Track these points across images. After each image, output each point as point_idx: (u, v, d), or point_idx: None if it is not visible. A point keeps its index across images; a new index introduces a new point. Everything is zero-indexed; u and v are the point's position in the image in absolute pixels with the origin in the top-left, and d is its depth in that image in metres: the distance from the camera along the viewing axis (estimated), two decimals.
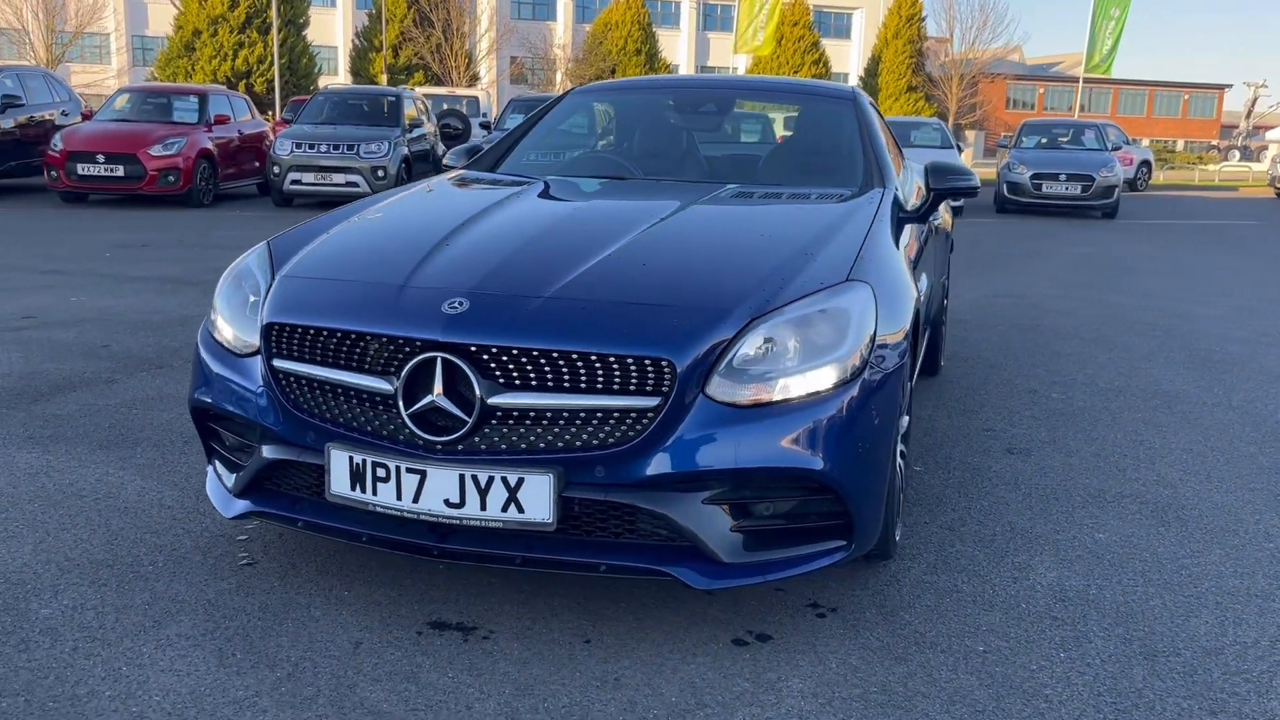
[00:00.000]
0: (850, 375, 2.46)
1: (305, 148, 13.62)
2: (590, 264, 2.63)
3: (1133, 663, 2.45)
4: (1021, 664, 2.42)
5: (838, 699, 2.24)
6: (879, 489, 2.56)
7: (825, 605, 2.69)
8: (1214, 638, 2.59)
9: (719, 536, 2.39)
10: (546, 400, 2.33)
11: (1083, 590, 2.83)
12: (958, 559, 3.01)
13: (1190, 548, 3.16)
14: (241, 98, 15.65)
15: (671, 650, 2.43)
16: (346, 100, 15.08)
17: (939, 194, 3.86)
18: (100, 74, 44.71)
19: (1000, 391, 5.04)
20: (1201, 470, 3.91)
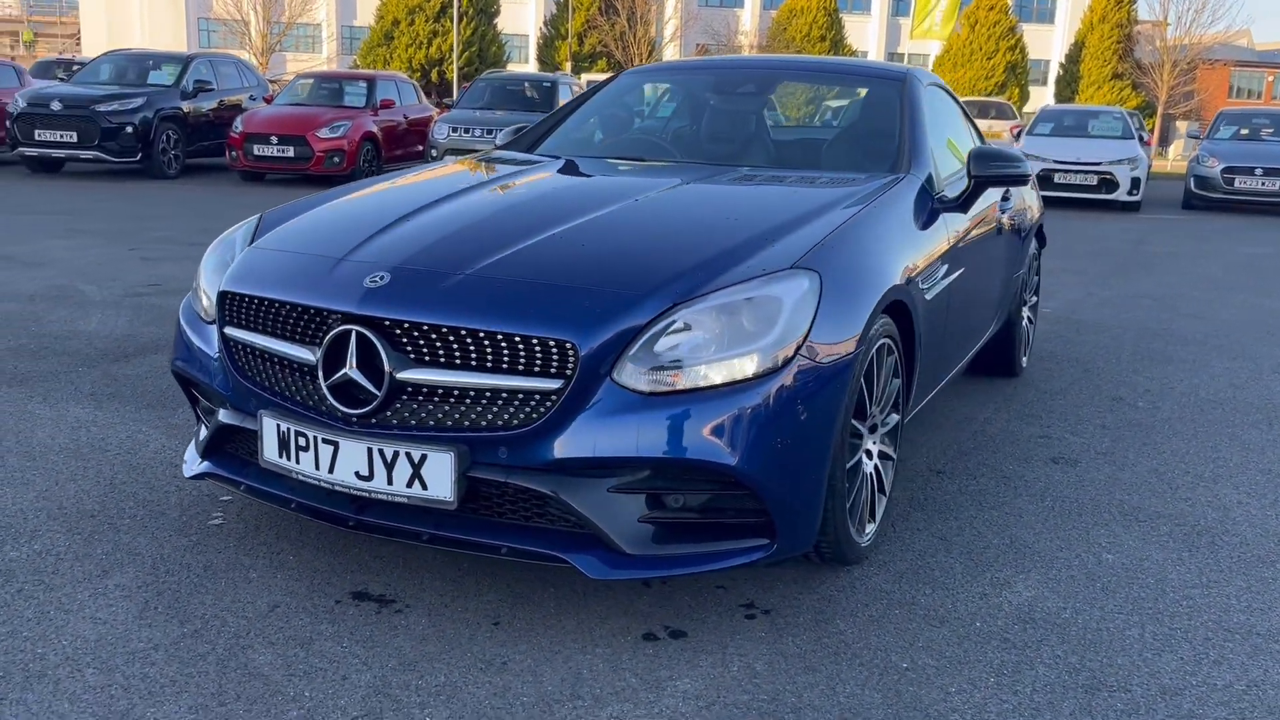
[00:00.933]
0: (775, 366, 2.34)
1: (461, 131, 14.06)
2: (526, 243, 2.60)
3: (1066, 696, 2.24)
4: (941, 686, 2.25)
5: (719, 704, 2.15)
6: (809, 488, 2.43)
7: (761, 606, 2.58)
8: (1179, 677, 2.33)
9: (624, 526, 2.32)
10: (452, 378, 2.32)
11: (1054, 613, 2.61)
12: (932, 570, 2.83)
13: (1208, 577, 2.86)
14: (410, 83, 16.29)
15: (576, 639, 2.38)
16: (505, 86, 15.48)
17: (980, 181, 3.63)
18: (311, 62, 47.38)
19: (1080, 397, 4.70)
20: (1270, 494, 3.53)
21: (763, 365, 2.33)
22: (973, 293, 3.83)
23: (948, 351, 3.59)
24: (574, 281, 2.42)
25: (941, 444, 3.93)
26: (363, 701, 2.10)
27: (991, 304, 4.25)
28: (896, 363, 2.92)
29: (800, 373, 2.38)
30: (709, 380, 2.30)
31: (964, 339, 3.86)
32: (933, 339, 3.30)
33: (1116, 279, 8.34)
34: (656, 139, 4.01)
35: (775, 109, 4.18)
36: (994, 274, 4.20)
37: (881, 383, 2.83)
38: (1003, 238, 4.31)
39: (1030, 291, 5.07)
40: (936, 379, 3.52)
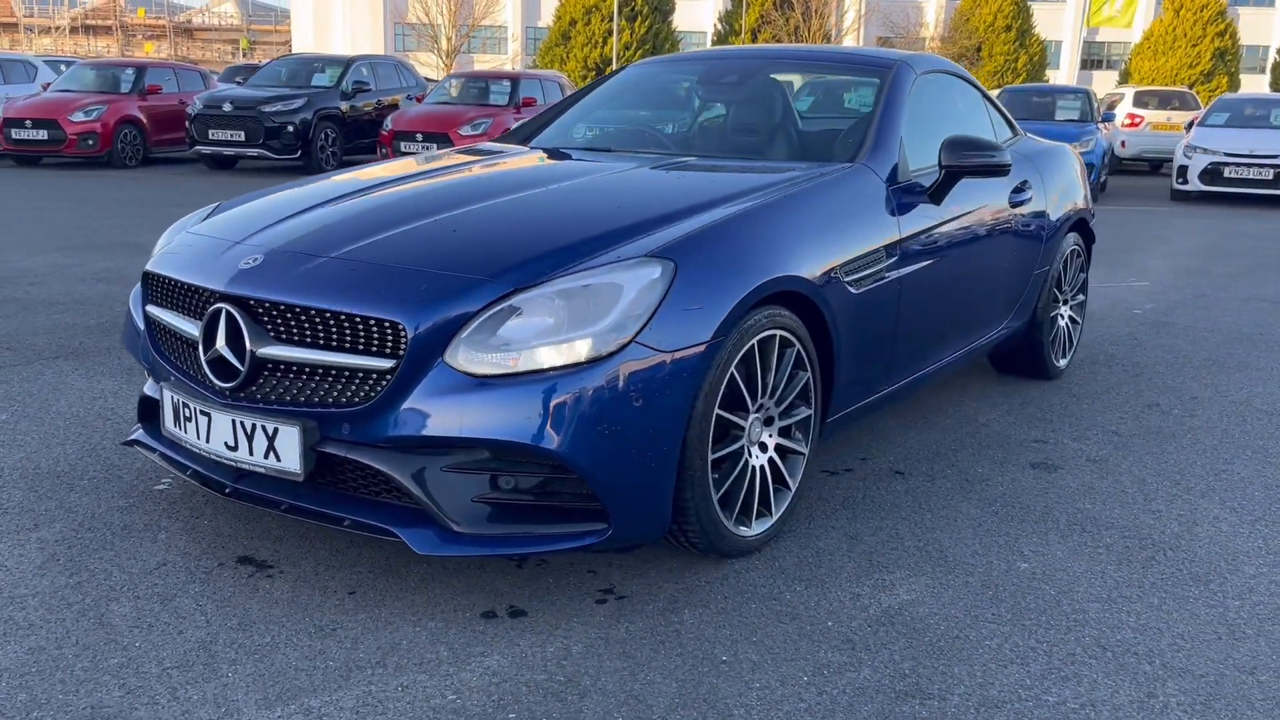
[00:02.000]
0: (606, 353, 2.36)
1: None
2: (401, 229, 2.70)
3: (872, 700, 2.16)
4: (748, 680, 2.22)
5: (512, 681, 2.19)
6: (646, 477, 2.43)
7: (619, 592, 2.60)
8: (1011, 690, 2.22)
9: (456, 504, 2.39)
10: (302, 355, 2.45)
11: (920, 618, 2.51)
12: (818, 568, 2.77)
13: (1120, 592, 2.68)
14: (556, 81, 16.68)
15: (415, 612, 2.47)
16: None
17: (951, 171, 3.49)
18: (494, 62, 49.07)
19: (1109, 402, 4.43)
20: (1256, 512, 3.26)
21: (594, 351, 2.35)
22: (953, 288, 3.68)
23: (908, 348, 3.47)
24: (422, 266, 2.50)
25: (922, 443, 3.80)
26: (183, 655, 2.25)
27: (991, 301, 4.06)
28: (801, 355, 2.86)
29: (638, 360, 2.38)
30: (538, 364, 2.34)
31: (942, 336, 3.71)
32: (872, 334, 3.21)
33: (1242, 281, 7.74)
34: (634, 129, 4.04)
35: (756, 100, 4.12)
36: (995, 269, 4.02)
37: (775, 375, 2.78)
38: (1012, 231, 4.12)
39: (1071, 289, 4.80)
40: (891, 375, 3.41)
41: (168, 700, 2.08)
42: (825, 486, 3.36)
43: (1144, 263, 8.57)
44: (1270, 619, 2.56)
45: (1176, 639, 2.46)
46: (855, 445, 3.76)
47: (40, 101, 14.94)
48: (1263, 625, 2.53)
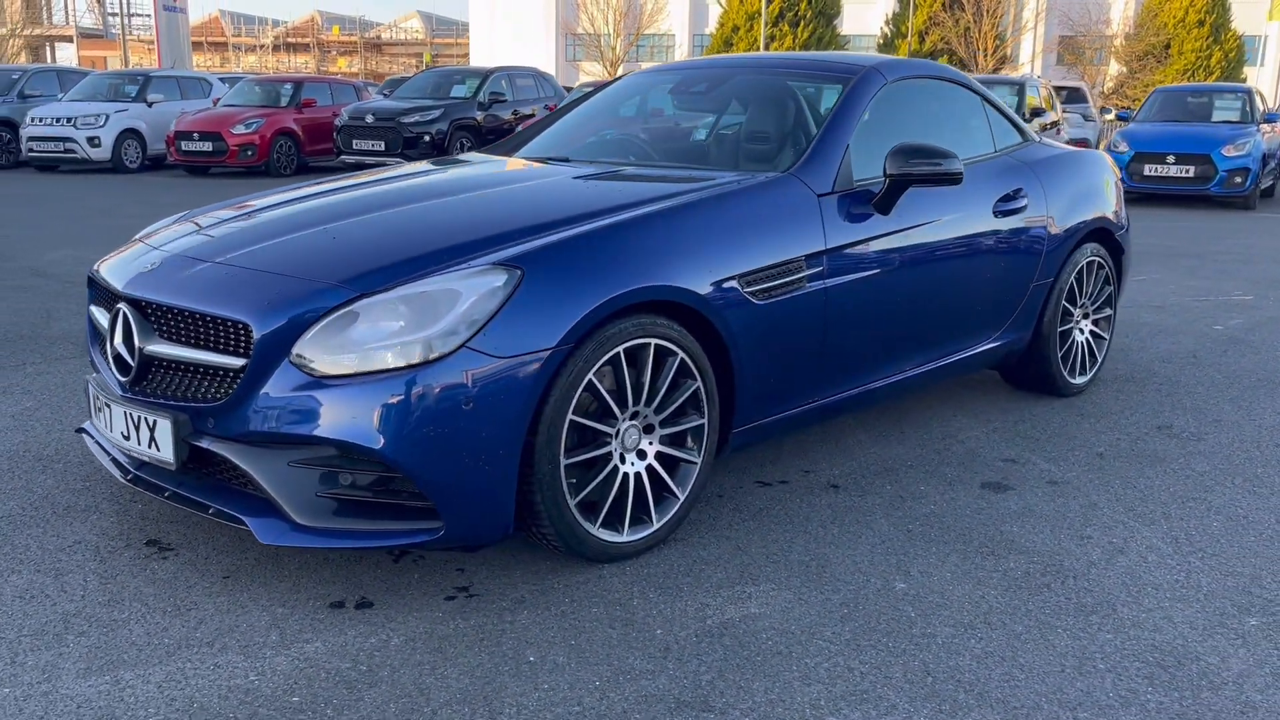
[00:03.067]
0: (435, 357, 2.45)
1: None
2: (286, 237, 2.88)
3: (645, 707, 2.17)
4: (539, 682, 2.27)
5: (316, 666, 2.30)
6: (481, 479, 2.50)
7: (473, 590, 2.68)
8: (801, 709, 2.18)
9: (299, 498, 2.53)
10: (178, 352, 2.65)
11: (752, 632, 2.49)
12: (683, 577, 2.77)
13: (988, 619, 2.58)
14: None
15: (274, 597, 2.62)
16: None
17: (894, 181, 3.41)
18: None
19: (1112, 423, 4.20)
20: (1204, 546, 3.05)
21: (423, 355, 2.45)
22: (909, 300, 3.59)
23: (846, 361, 3.40)
24: (283, 271, 2.66)
25: (880, 457, 3.71)
26: (42, 625, 2.46)
27: (970, 313, 3.92)
28: (688, 364, 2.87)
29: (468, 365, 2.46)
30: (372, 367, 2.45)
31: (897, 349, 3.62)
32: (790, 345, 3.17)
33: None
34: (603, 139, 4.08)
35: (726, 108, 4.10)
36: (972, 280, 3.88)
37: (651, 384, 2.81)
38: (999, 242, 3.96)
39: (1092, 303, 4.56)
40: (824, 388, 3.36)
41: (4, 665, 2.29)
42: (750, 497, 3.34)
43: (1266, 274, 7.99)
44: (1133, 655, 2.42)
45: (1014, 669, 2.35)
46: (806, 457, 3.71)
47: (207, 116, 16.11)
48: (1120, 661, 2.39)
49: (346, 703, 2.17)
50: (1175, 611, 2.64)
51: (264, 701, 2.17)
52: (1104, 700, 2.24)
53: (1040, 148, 4.45)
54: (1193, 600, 2.70)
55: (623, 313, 2.72)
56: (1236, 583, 2.80)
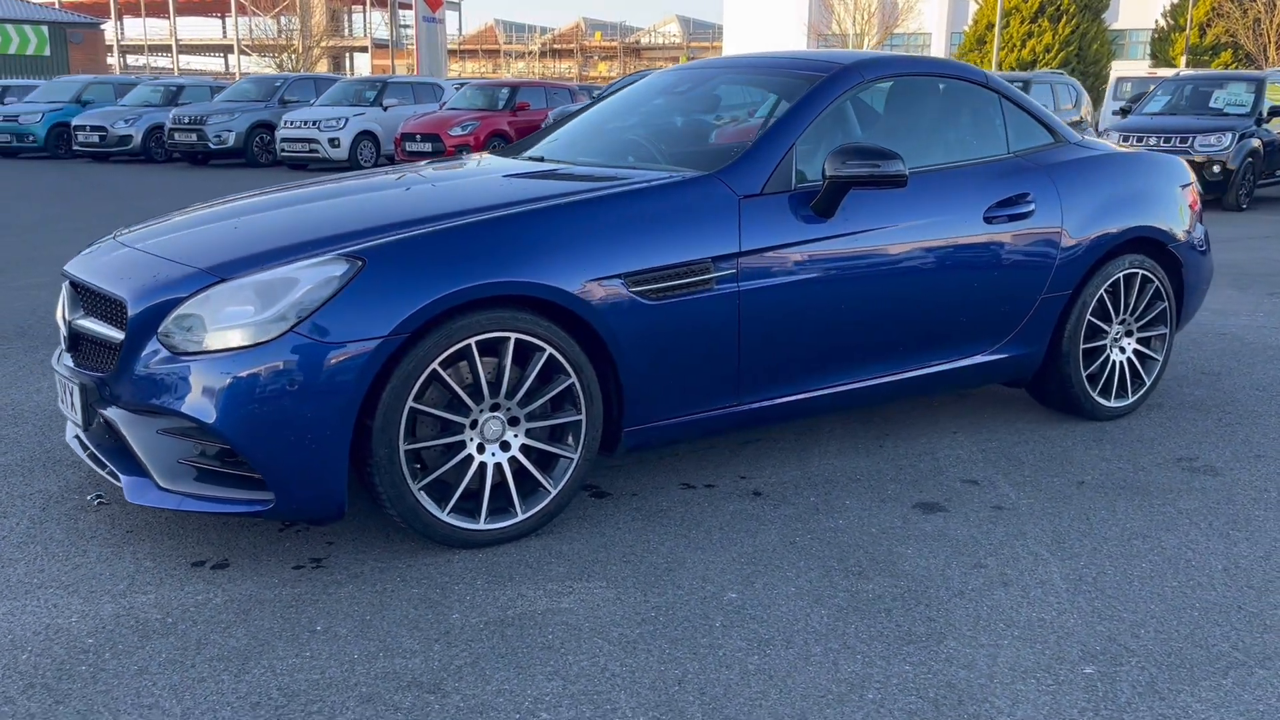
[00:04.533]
0: (265, 340, 2.64)
1: None
2: (204, 227, 3.16)
3: (367, 683, 2.26)
4: (301, 645, 2.41)
5: (119, 613, 2.54)
6: (309, 457, 2.66)
7: (324, 562, 2.85)
8: (495, 694, 2.21)
9: (164, 463, 2.79)
10: (89, 325, 2.98)
11: (529, 629, 2.52)
12: (522, 569, 2.83)
13: (789, 636, 2.49)
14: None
15: (151, 550, 2.89)
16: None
17: (834, 183, 3.31)
18: None
19: (1131, 450, 3.85)
20: (1105, 584, 2.79)
21: (255, 338, 2.64)
22: (860, 306, 3.46)
23: (773, 367, 3.33)
24: (171, 257, 2.93)
25: (829, 469, 3.59)
26: None
27: (950, 323, 3.70)
28: (557, 360, 2.92)
29: (294, 348, 2.63)
30: (215, 345, 2.67)
31: (847, 357, 3.49)
32: (692, 347, 3.15)
33: None
34: (590, 137, 4.13)
35: (696, 110, 4.05)
36: (952, 288, 3.67)
37: (512, 377, 2.88)
38: (992, 249, 3.73)
39: (1135, 319, 4.18)
40: (744, 394, 3.30)
41: None
42: (662, 497, 3.34)
43: None
44: (915, 690, 2.27)
45: (775, 689, 2.27)
46: (752, 463, 3.64)
47: (429, 119, 17.21)
48: (895, 694, 2.25)
49: (128, 648, 2.39)
50: (1005, 650, 2.44)
51: (65, 640, 2.42)
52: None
53: (1072, 149, 4.12)
54: (1036, 641, 2.48)
55: (474, 306, 2.80)
56: (1108, 629, 2.55)
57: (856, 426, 4.06)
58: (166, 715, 2.14)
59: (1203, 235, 4.45)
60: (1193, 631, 2.54)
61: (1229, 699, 2.26)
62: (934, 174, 3.70)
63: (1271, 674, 2.35)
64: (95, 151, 19.55)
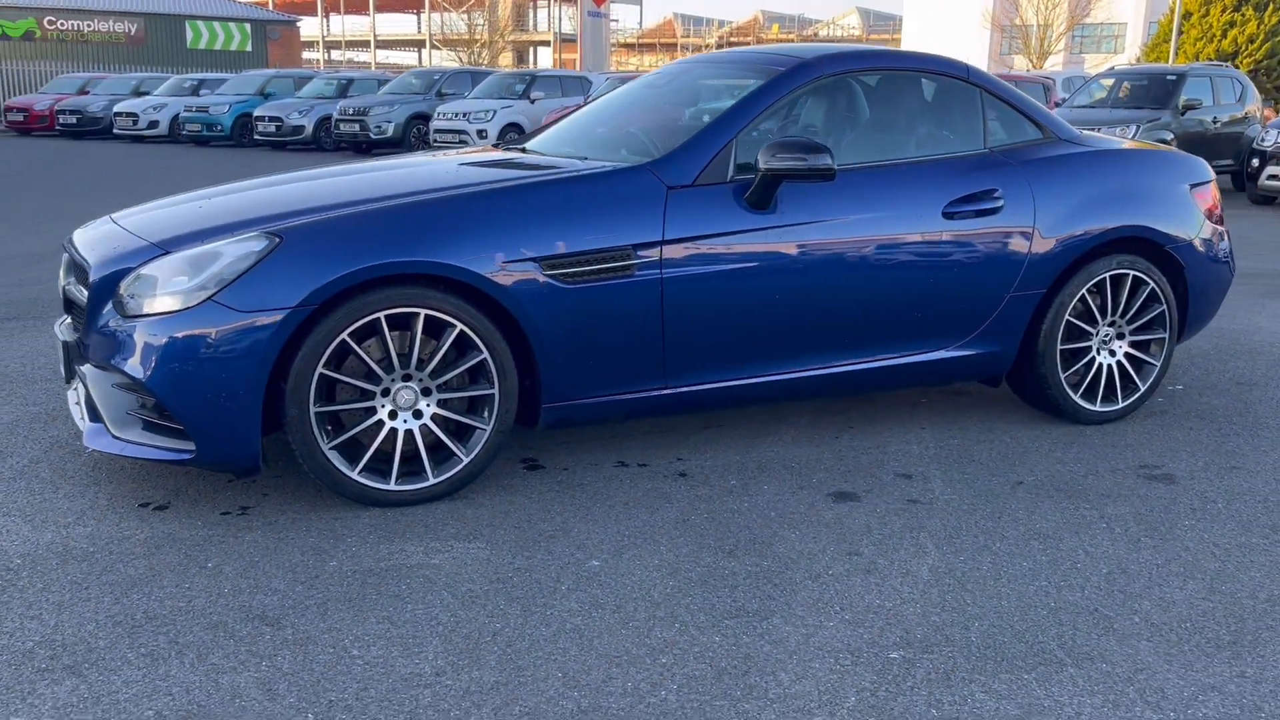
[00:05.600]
0: (186, 307, 2.96)
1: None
2: (181, 204, 3.51)
3: (221, 614, 2.54)
4: (158, 585, 2.71)
5: (53, 542, 2.90)
6: (222, 413, 2.96)
7: (252, 510, 3.16)
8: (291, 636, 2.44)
9: (117, 413, 3.15)
10: (72, 290, 3.38)
11: (381, 579, 2.75)
12: (413, 529, 3.06)
13: (619, 597, 2.63)
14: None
15: (112, 491, 3.26)
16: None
17: (765, 176, 3.40)
18: (1108, 62, 45.88)
19: (1083, 454, 3.76)
20: (949, 577, 2.80)
21: (179, 304, 2.97)
22: (791, 297, 3.52)
23: (700, 352, 3.44)
24: (138, 231, 3.28)
25: (764, 455, 3.67)
26: None
27: (901, 318, 3.70)
28: (468, 336, 3.13)
29: (212, 314, 2.94)
30: (150, 310, 3.01)
31: (784, 348, 3.56)
32: (610, 330, 3.30)
33: None
34: (574, 132, 4.30)
35: (666, 103, 4.15)
36: (904, 284, 3.68)
37: (420, 350, 3.11)
38: (951, 245, 3.72)
39: (1126, 322, 4.05)
40: (670, 378, 3.42)
41: None
42: (589, 474, 3.50)
43: None
44: (697, 658, 2.37)
45: (569, 646, 2.42)
46: (694, 447, 3.76)
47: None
48: (681, 658, 2.37)
49: (45, 570, 2.74)
50: (824, 631, 2.51)
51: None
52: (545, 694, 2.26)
53: (1061, 146, 4.03)
54: (862, 625, 2.54)
55: (383, 282, 3.04)
56: (942, 620, 2.57)
57: (823, 418, 4.10)
58: (42, 625, 2.46)
59: (1218, 238, 4.26)
60: (1028, 629, 2.53)
61: (1018, 692, 2.27)
62: (888, 169, 3.72)
63: (1081, 674, 2.34)
64: (273, 141, 20.96)
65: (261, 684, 2.24)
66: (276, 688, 2.23)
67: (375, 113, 19.41)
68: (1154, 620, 2.58)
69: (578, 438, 3.84)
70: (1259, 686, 2.31)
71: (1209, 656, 2.42)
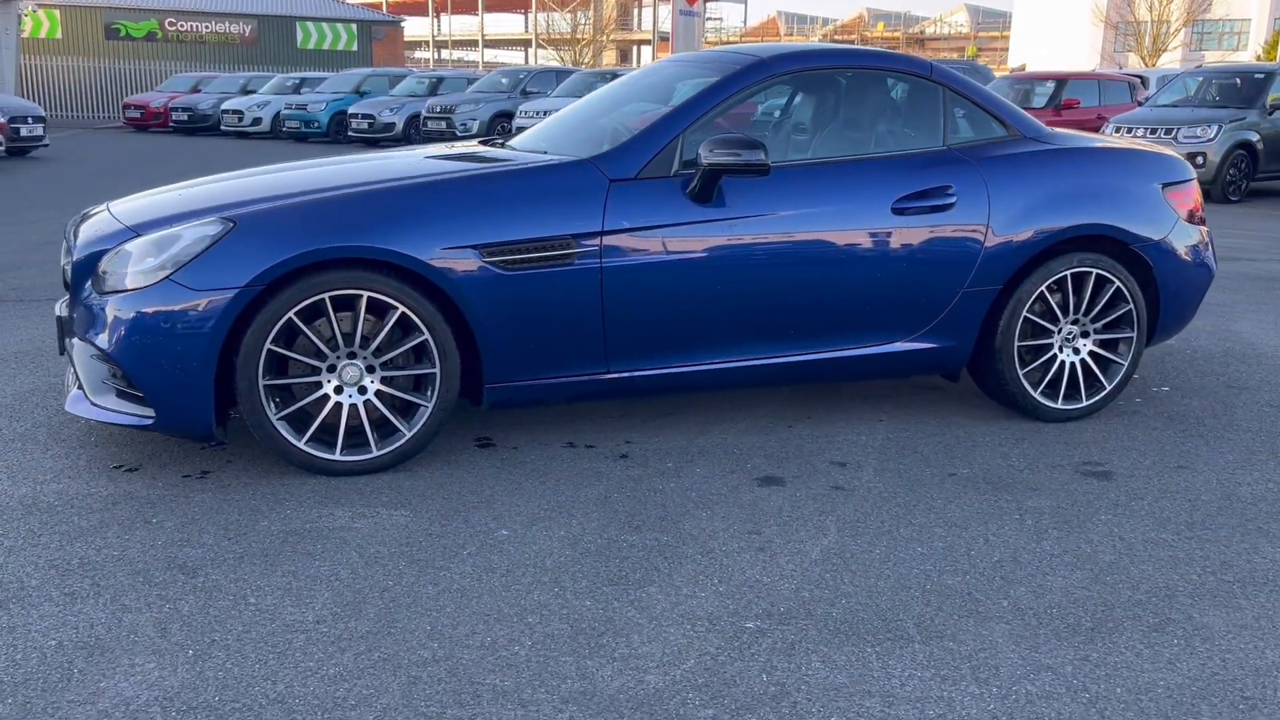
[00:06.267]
0: (147, 285, 3.23)
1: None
2: (163, 195, 3.80)
3: (149, 560, 2.79)
4: (112, 537, 2.98)
5: (34, 495, 3.21)
6: (179, 383, 3.22)
7: (212, 474, 3.42)
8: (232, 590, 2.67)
9: (94, 381, 3.45)
10: (67, 269, 3.70)
11: (294, 537, 2.97)
12: (346, 494, 3.28)
13: (517, 565, 2.81)
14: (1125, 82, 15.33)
15: (93, 454, 3.57)
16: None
17: (705, 170, 3.54)
18: (1221, 61, 44.15)
19: (1029, 451, 3.79)
20: (838, 558, 2.90)
21: (141, 282, 3.25)
22: (733, 288, 3.64)
23: (642, 340, 3.58)
24: (120, 216, 3.58)
25: (708, 441, 3.80)
26: None
27: (848, 311, 3.78)
28: (410, 318, 3.34)
29: (168, 292, 3.21)
30: (118, 287, 3.30)
31: (725, 337, 3.68)
32: (550, 316, 3.47)
33: None
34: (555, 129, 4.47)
35: (661, 101, 4.27)
36: (847, 278, 3.76)
37: (363, 330, 3.33)
38: (893, 240, 3.79)
39: (1090, 320, 4.05)
40: (614, 363, 3.56)
41: None
42: (534, 453, 3.68)
43: None
44: (559, 619, 2.53)
45: (445, 603, 2.60)
46: (649, 431, 3.91)
47: None
48: (544, 618, 2.53)
49: (10, 520, 3.04)
50: (693, 600, 2.64)
51: None
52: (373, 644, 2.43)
53: (1025, 144, 4.05)
54: (731, 596, 2.66)
55: (328, 265, 3.27)
56: (811, 595, 2.68)
57: (785, 407, 4.20)
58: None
59: (1193, 238, 4.22)
60: (892, 608, 2.62)
61: (854, 664, 2.36)
62: (837, 165, 3.81)
63: (925, 650, 2.42)
64: (365, 137, 21.66)
65: (158, 623, 2.48)
66: (170, 627, 2.46)
67: (461, 110, 19.93)
68: (1022, 606, 2.65)
69: (535, 419, 4.02)
70: (1096, 670, 2.36)
71: (1061, 641, 2.48)
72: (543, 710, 2.17)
